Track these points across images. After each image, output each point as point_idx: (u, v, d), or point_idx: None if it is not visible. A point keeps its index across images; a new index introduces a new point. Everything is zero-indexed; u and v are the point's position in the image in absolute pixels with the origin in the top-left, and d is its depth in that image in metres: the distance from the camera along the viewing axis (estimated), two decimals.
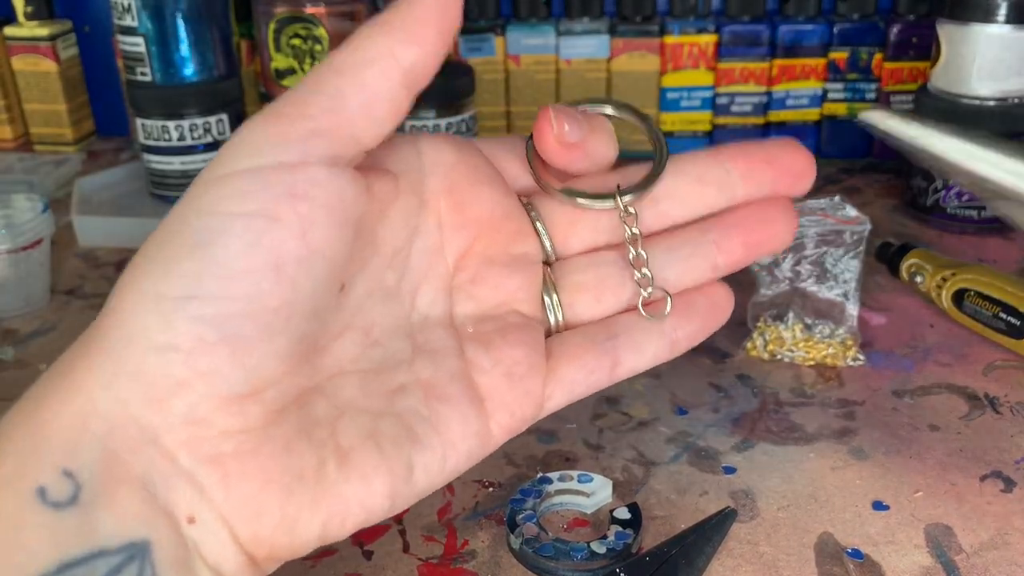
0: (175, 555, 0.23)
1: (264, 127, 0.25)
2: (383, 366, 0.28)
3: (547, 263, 0.32)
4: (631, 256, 0.31)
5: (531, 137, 0.31)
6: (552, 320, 0.31)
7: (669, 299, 0.31)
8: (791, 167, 0.31)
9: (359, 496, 0.26)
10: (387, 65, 0.25)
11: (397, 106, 0.26)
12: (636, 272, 0.31)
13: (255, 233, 0.24)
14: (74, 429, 0.22)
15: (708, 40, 0.73)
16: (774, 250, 0.32)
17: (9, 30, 0.78)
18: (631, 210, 0.31)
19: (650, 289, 0.31)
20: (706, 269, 0.32)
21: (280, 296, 0.24)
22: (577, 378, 0.30)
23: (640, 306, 0.31)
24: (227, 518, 0.24)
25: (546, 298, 0.31)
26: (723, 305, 0.32)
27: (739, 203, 0.32)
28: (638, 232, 0.31)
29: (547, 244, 0.31)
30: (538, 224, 0.31)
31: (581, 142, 0.30)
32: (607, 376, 0.31)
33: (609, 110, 0.32)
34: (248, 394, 0.24)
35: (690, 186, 0.31)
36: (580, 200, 0.31)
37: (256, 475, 0.24)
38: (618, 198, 0.30)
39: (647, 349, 0.31)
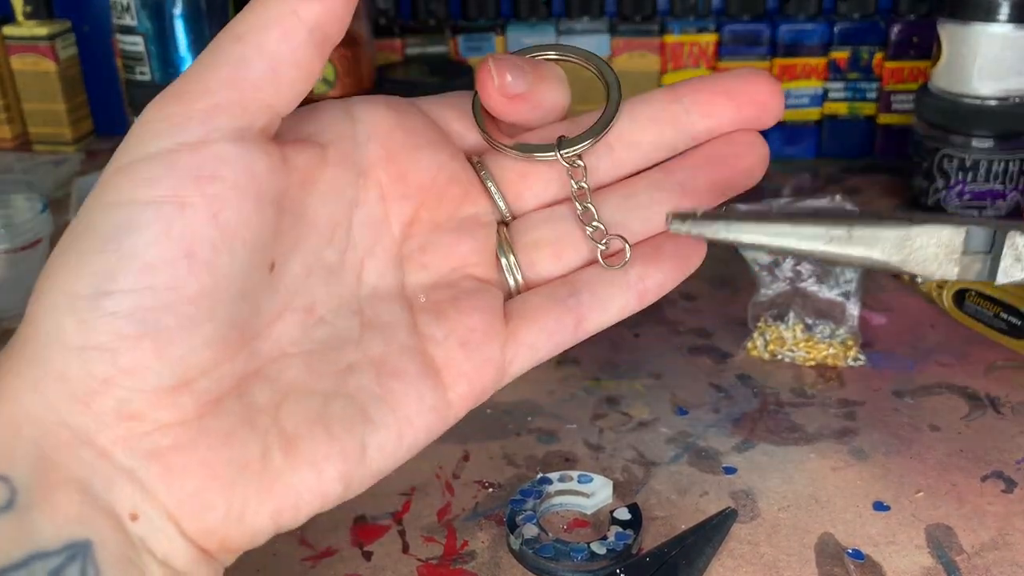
0: (120, 552, 0.23)
1: (165, 108, 0.24)
2: (329, 345, 0.27)
3: (505, 223, 0.30)
4: (579, 211, 0.29)
5: (477, 91, 0.29)
6: (511, 281, 0.30)
7: (628, 248, 0.29)
8: (753, 97, 0.29)
9: (309, 483, 0.25)
10: (290, 25, 0.24)
11: (306, 68, 0.25)
12: (587, 227, 0.29)
13: (164, 221, 0.23)
14: (6, 435, 0.22)
15: (708, 39, 0.73)
16: (744, 187, 0.30)
17: (8, 29, 0.77)
18: (579, 162, 0.29)
19: (606, 241, 0.29)
20: None
21: (198, 283, 0.23)
22: (539, 340, 0.29)
23: (599, 258, 0.29)
24: (171, 512, 0.23)
25: (502, 259, 0.30)
26: (694, 248, 0.30)
27: (702, 141, 0.30)
28: (586, 186, 0.29)
29: (500, 203, 0.30)
30: (489, 183, 0.30)
31: (527, 92, 0.28)
32: (571, 335, 0.29)
33: (553, 54, 0.31)
34: (178, 386, 0.23)
35: (645, 129, 0.30)
36: (526, 155, 0.29)
37: (197, 468, 0.24)
38: (559, 150, 0.29)
39: (612, 303, 0.29)
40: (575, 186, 0.29)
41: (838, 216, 0.27)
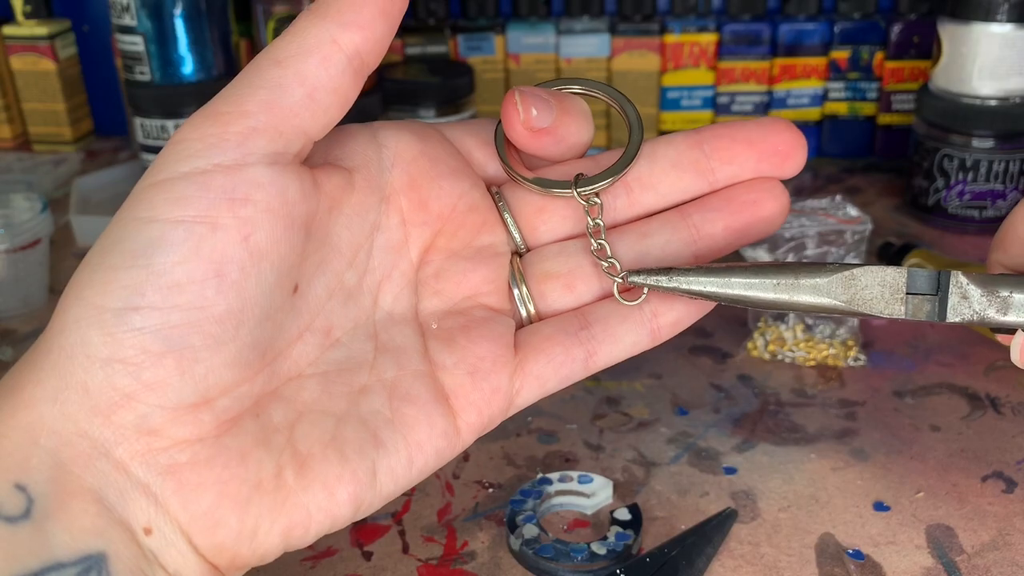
0: (133, 566, 0.23)
1: (202, 127, 0.24)
2: (344, 367, 0.27)
3: (519, 254, 0.30)
4: (593, 248, 0.29)
5: (501, 122, 0.29)
6: (523, 312, 0.30)
7: (646, 287, 0.29)
8: (775, 147, 0.29)
9: (321, 504, 0.25)
10: (329, 52, 0.24)
11: (342, 94, 0.25)
12: (602, 263, 0.29)
13: (195, 240, 0.23)
14: (24, 444, 0.22)
15: (709, 39, 0.73)
16: (761, 235, 0.30)
17: (8, 29, 0.77)
18: (595, 200, 0.29)
19: (619, 278, 0.29)
20: (686, 256, 0.30)
21: (225, 304, 0.23)
22: (547, 371, 0.29)
23: (616, 293, 0.29)
24: (185, 528, 0.23)
25: (515, 289, 0.30)
26: None
27: (722, 187, 0.30)
28: (601, 223, 0.29)
29: (515, 235, 0.30)
30: (506, 214, 0.30)
31: (552, 127, 0.28)
32: (581, 368, 0.29)
33: (578, 88, 0.31)
34: (199, 403, 0.23)
35: (665, 172, 0.30)
36: (545, 189, 0.29)
37: (212, 485, 0.24)
38: (577, 188, 0.29)
39: (625, 338, 0.29)
40: (591, 223, 0.30)
41: (784, 265, 0.28)
